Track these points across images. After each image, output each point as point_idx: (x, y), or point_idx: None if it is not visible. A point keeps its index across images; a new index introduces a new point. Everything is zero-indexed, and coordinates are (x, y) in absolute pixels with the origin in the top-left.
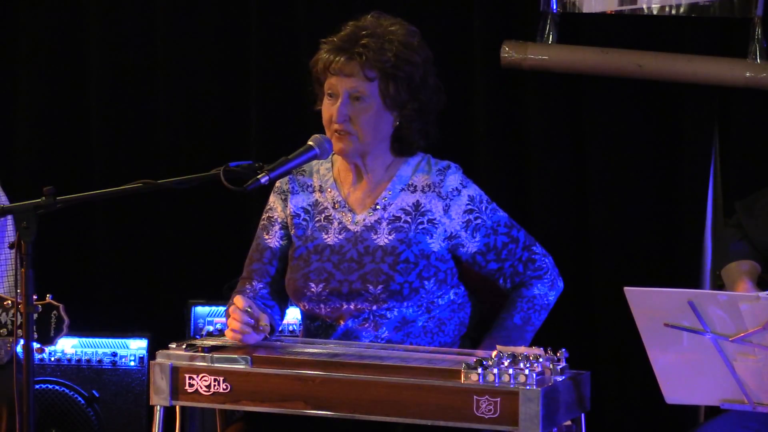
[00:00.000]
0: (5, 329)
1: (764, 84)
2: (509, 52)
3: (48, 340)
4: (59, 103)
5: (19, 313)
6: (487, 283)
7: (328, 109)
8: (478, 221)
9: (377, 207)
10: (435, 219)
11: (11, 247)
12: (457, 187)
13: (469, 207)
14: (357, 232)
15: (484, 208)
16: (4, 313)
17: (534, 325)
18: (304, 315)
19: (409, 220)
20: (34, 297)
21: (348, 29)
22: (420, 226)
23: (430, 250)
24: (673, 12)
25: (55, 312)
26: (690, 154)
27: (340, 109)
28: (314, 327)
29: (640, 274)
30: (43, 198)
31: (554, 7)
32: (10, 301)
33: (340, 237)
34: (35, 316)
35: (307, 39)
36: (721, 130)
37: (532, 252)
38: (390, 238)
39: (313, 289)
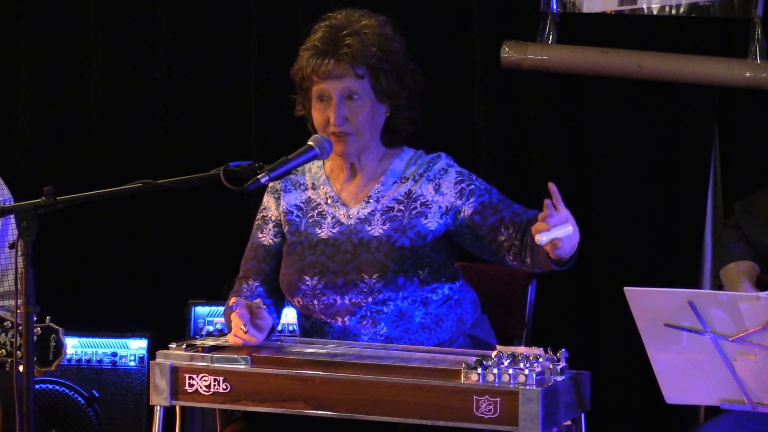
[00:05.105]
0: (4, 350)
1: (764, 84)
2: (509, 52)
3: (47, 363)
4: (59, 103)
5: (18, 335)
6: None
7: (322, 113)
8: (471, 187)
9: (370, 200)
10: (428, 201)
11: (11, 247)
12: (443, 167)
13: (459, 178)
14: (351, 225)
15: (474, 179)
16: (3, 334)
17: None
18: (299, 314)
19: (403, 208)
20: (35, 318)
21: (322, 31)
22: (414, 211)
23: (427, 229)
24: (673, 12)
25: (54, 336)
26: (690, 154)
27: (338, 111)
28: (308, 325)
29: (640, 274)
30: (43, 198)
31: (554, 7)
32: (9, 322)
33: (334, 231)
34: (35, 338)
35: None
36: (721, 130)
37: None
38: (384, 228)
39: (307, 283)
